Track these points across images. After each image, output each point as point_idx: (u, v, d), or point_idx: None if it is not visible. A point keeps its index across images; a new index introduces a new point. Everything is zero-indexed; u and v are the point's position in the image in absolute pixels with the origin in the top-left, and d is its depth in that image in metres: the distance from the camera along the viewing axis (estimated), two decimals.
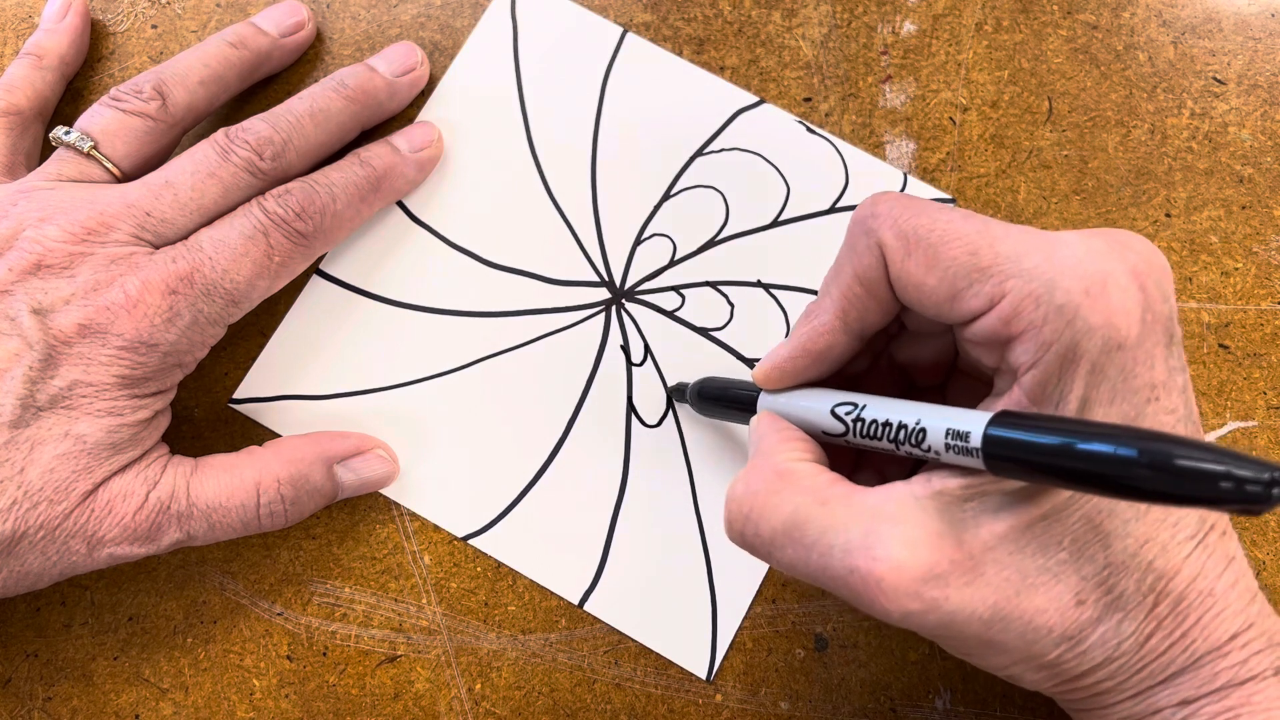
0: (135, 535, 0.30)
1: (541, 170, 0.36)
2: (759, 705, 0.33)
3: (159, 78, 0.33)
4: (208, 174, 0.31)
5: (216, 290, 0.30)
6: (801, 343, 0.27)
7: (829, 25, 0.38)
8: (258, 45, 0.35)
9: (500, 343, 0.35)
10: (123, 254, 0.30)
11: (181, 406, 0.35)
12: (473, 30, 0.38)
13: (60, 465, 0.29)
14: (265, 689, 0.33)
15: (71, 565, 0.29)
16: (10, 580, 0.29)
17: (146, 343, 0.29)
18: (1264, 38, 0.37)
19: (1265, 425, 0.35)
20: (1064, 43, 0.38)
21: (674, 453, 0.34)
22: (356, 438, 0.33)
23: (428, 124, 0.36)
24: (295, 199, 0.31)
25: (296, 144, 0.32)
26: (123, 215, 0.30)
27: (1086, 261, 0.22)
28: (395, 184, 0.34)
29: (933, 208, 0.24)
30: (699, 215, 0.36)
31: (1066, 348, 0.22)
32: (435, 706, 0.33)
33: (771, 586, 0.34)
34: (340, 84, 0.34)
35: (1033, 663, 0.24)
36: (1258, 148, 0.37)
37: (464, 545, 0.34)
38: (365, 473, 0.33)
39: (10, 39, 0.38)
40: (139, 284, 0.29)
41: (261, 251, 0.31)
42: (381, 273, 0.36)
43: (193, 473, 0.31)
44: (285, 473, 0.31)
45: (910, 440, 0.23)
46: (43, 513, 0.28)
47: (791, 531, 0.24)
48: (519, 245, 0.36)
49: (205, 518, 0.30)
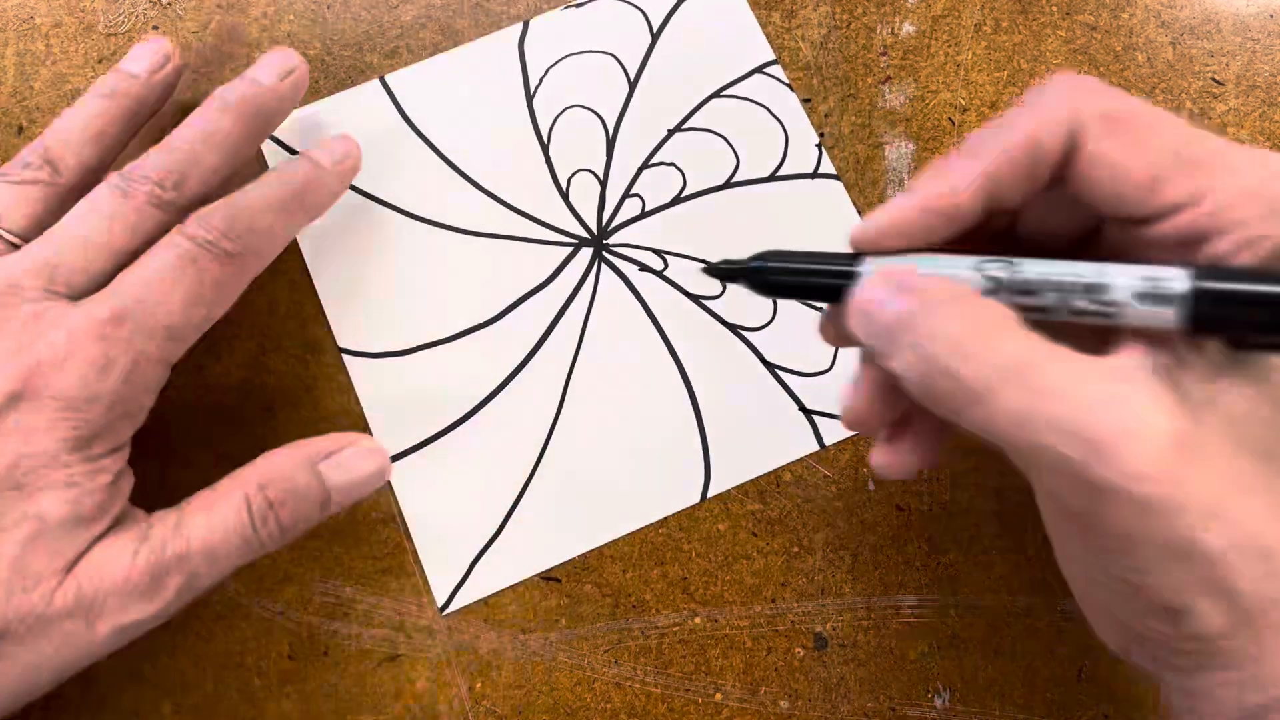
0: (136, 590, 0.27)
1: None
2: (759, 704, 0.33)
3: (43, 145, 0.32)
4: (110, 216, 0.30)
5: (152, 329, 0.28)
6: (932, 201, 0.23)
7: (828, 26, 0.38)
8: (131, 90, 0.34)
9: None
10: (39, 309, 0.28)
11: (182, 405, 0.35)
12: (475, 31, 0.38)
13: (26, 553, 0.26)
14: (265, 688, 0.33)
15: (76, 652, 0.27)
16: (9, 689, 0.26)
17: (86, 397, 0.27)
18: (1262, 39, 0.38)
19: None
20: (1063, 44, 0.38)
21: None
22: (339, 435, 0.32)
23: (345, 136, 0.35)
24: (218, 218, 0.30)
25: (195, 170, 0.31)
26: (29, 272, 0.28)
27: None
28: (318, 197, 0.34)
29: (1135, 98, 0.23)
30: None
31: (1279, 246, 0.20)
32: (435, 706, 0.33)
33: (771, 586, 0.34)
34: (224, 102, 0.33)
35: (1224, 582, 0.20)
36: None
37: None
38: (353, 468, 0.31)
39: (11, 39, 0.38)
40: (64, 335, 0.27)
41: (192, 279, 0.29)
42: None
43: (177, 517, 0.29)
44: (267, 478, 0.30)
45: (1088, 292, 0.21)
46: (19, 603, 0.26)
47: (1019, 371, 0.20)
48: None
49: (203, 552, 0.28)
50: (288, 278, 0.36)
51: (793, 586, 0.34)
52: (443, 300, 0.36)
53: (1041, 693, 0.33)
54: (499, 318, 0.36)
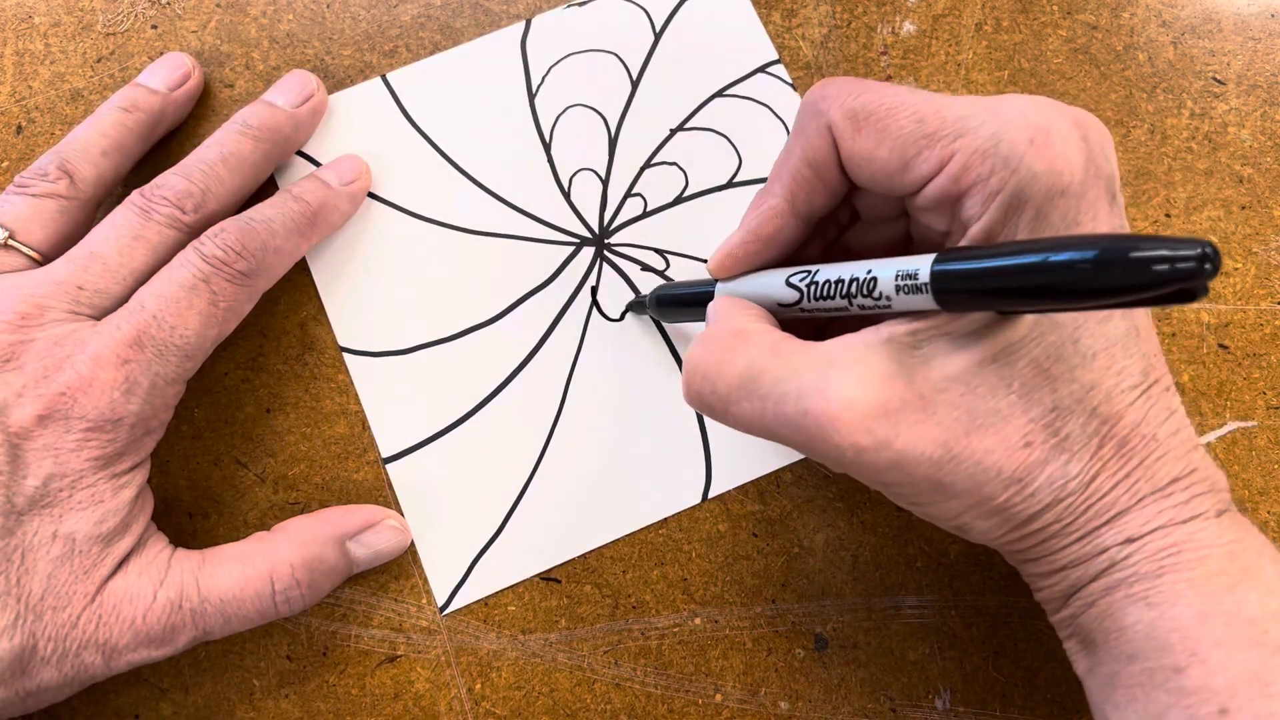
0: (149, 639, 0.29)
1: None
2: (759, 705, 0.33)
3: (61, 156, 0.32)
4: (133, 237, 0.31)
5: (168, 349, 0.29)
6: (752, 228, 0.27)
7: (829, 25, 0.38)
8: (150, 105, 0.35)
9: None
10: (64, 332, 0.29)
11: (182, 406, 0.34)
12: (476, 30, 0.38)
13: (58, 571, 0.28)
14: (265, 689, 0.33)
15: (89, 679, 0.28)
16: (30, 702, 0.28)
17: (110, 419, 0.28)
18: (1263, 38, 0.37)
19: (1265, 425, 0.35)
20: (1063, 43, 0.38)
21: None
22: (366, 511, 0.33)
23: (354, 156, 0.36)
24: (232, 236, 0.31)
25: (215, 192, 0.32)
26: (54, 294, 0.29)
27: (1031, 114, 0.23)
28: (330, 218, 0.34)
29: (879, 85, 0.25)
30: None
31: (1011, 195, 0.22)
32: (435, 706, 0.33)
33: (771, 587, 0.34)
34: (245, 125, 0.34)
35: (982, 508, 0.24)
36: (1257, 148, 0.37)
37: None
38: (378, 545, 0.33)
39: (10, 39, 0.38)
40: (89, 360, 0.28)
41: (206, 300, 0.30)
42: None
43: (201, 566, 0.30)
44: (298, 556, 0.31)
45: (863, 291, 0.24)
46: (49, 622, 0.27)
47: (747, 384, 0.24)
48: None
49: (220, 612, 0.29)
50: (288, 277, 0.36)
51: (793, 587, 0.34)
52: (443, 299, 0.36)
53: (1043, 693, 0.33)
54: (500, 317, 0.36)
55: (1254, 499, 0.34)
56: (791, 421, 0.23)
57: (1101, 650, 0.25)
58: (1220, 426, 0.35)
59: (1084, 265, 0.19)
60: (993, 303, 0.22)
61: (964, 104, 0.24)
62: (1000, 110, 0.23)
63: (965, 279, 0.21)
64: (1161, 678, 0.23)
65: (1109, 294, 0.19)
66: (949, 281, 0.22)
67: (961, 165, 0.23)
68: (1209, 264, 0.18)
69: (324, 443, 0.35)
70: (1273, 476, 0.34)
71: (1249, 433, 0.35)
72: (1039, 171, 0.22)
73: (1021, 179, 0.22)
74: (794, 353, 0.24)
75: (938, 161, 0.23)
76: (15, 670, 0.27)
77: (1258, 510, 0.34)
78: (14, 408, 0.28)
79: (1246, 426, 0.35)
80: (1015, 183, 0.22)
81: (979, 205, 0.23)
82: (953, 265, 0.22)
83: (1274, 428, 0.35)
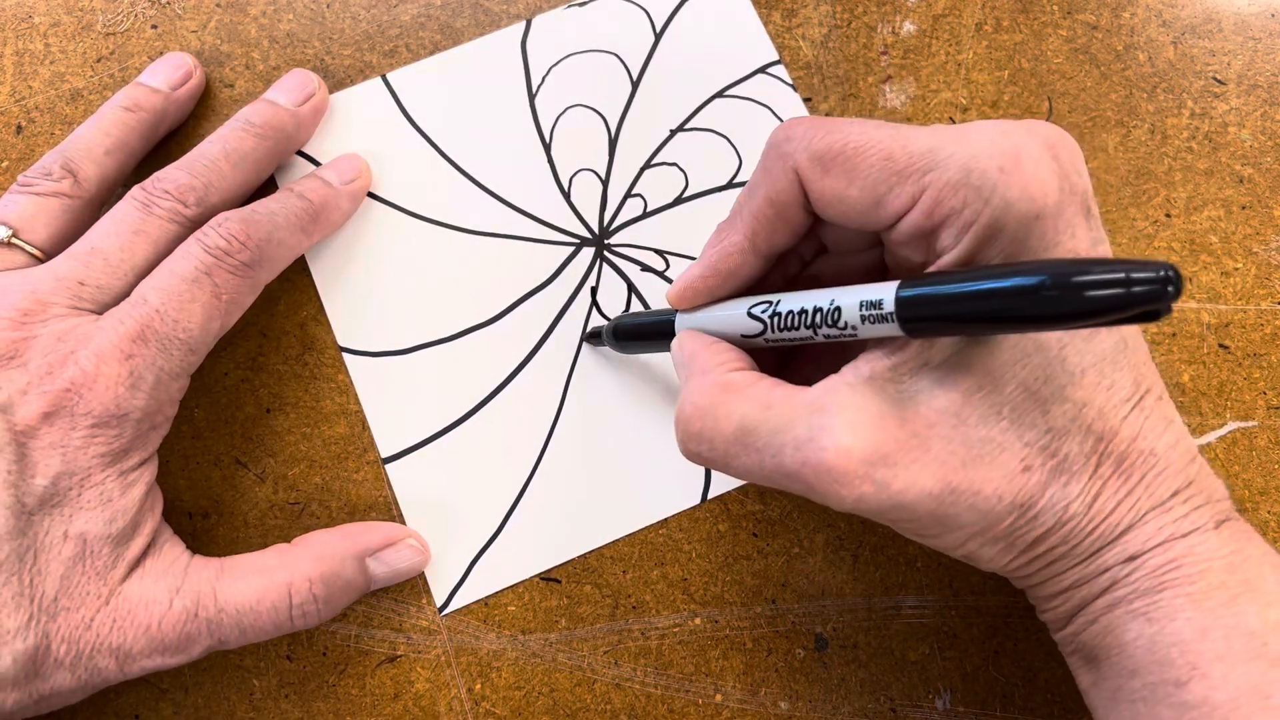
0: (164, 646, 0.28)
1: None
2: (759, 705, 0.33)
3: (64, 156, 0.32)
4: (133, 231, 0.30)
5: (172, 343, 0.29)
6: (711, 262, 0.28)
7: (829, 25, 0.38)
8: (152, 104, 0.35)
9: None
10: (67, 328, 0.29)
11: (182, 406, 0.34)
12: (476, 31, 0.38)
13: (70, 572, 0.27)
14: (265, 689, 0.33)
15: (101, 683, 0.28)
16: (44, 705, 0.28)
17: (116, 414, 0.28)
18: (1264, 38, 0.37)
19: (1265, 425, 0.35)
20: (1064, 43, 0.38)
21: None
22: (387, 529, 0.33)
23: (354, 156, 0.36)
24: (235, 226, 0.31)
25: (217, 186, 0.32)
26: (55, 290, 0.29)
27: (999, 140, 0.22)
28: (331, 216, 0.34)
29: (844, 123, 0.25)
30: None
31: (986, 226, 0.22)
32: (435, 707, 0.33)
33: (771, 587, 0.34)
34: (247, 123, 0.34)
35: (987, 535, 0.24)
36: (1258, 148, 0.37)
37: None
38: (397, 564, 0.32)
39: (10, 39, 0.38)
40: (93, 355, 0.28)
41: (208, 293, 0.30)
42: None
43: (219, 576, 0.30)
44: (317, 571, 0.31)
45: (827, 321, 0.24)
46: (62, 624, 0.27)
47: (743, 439, 0.24)
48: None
49: (236, 623, 0.29)
50: (287, 277, 0.36)
51: (793, 587, 0.34)
52: (443, 299, 0.36)
53: (1043, 694, 0.33)
54: (499, 317, 0.36)
55: (1254, 499, 0.34)
56: (791, 473, 0.23)
57: (1104, 666, 0.25)
58: (1220, 426, 0.35)
59: (1048, 291, 0.18)
60: (958, 329, 0.21)
61: (931, 135, 0.23)
62: (967, 139, 0.23)
63: (927, 305, 0.21)
64: (1163, 692, 0.23)
65: (1065, 319, 0.19)
66: (912, 309, 0.22)
67: (934, 200, 0.23)
68: (1171, 287, 0.17)
69: (324, 443, 0.35)
70: (1273, 476, 0.34)
71: (1249, 433, 0.35)
72: (1012, 199, 0.22)
73: (995, 209, 0.22)
74: (783, 403, 0.24)
75: (909, 198, 0.23)
76: (30, 672, 0.27)
77: (1258, 510, 0.34)
78: (19, 405, 0.28)
79: (1247, 426, 0.35)
80: (989, 213, 0.22)
81: (953, 237, 0.23)
82: (915, 292, 0.22)
83: (1274, 428, 0.35)
